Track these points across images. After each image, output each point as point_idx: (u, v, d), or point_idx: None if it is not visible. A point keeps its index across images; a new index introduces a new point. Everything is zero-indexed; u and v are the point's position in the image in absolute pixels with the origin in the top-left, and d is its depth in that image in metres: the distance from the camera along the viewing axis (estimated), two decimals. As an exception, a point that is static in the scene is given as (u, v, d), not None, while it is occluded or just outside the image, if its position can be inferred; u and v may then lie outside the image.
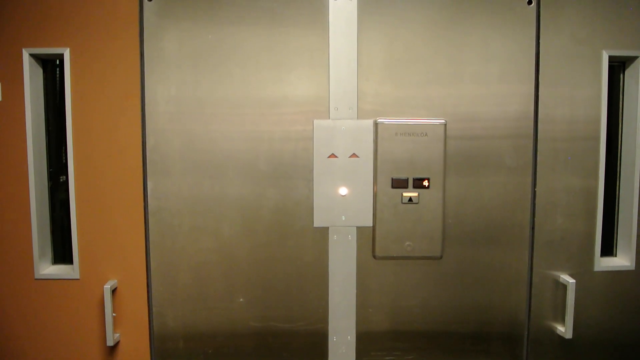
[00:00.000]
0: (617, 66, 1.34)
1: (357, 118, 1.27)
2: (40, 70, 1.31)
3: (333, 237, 1.30)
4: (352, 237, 1.30)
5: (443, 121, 1.26)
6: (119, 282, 1.30)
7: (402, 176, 1.27)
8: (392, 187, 1.27)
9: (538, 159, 1.28)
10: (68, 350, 1.32)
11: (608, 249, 1.37)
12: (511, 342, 1.33)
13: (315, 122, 1.27)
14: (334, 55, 1.25)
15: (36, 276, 1.31)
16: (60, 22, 1.25)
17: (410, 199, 1.27)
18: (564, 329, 1.30)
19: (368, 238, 1.30)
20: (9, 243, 1.30)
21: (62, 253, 1.38)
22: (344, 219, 1.29)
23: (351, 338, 1.32)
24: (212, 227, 1.28)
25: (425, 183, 1.27)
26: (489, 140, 1.27)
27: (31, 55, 1.26)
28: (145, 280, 1.30)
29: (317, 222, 1.29)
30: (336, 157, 1.28)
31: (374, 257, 1.30)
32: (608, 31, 1.26)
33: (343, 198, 1.29)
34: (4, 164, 1.28)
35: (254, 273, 1.30)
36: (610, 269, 1.32)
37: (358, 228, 1.30)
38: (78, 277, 1.30)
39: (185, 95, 1.25)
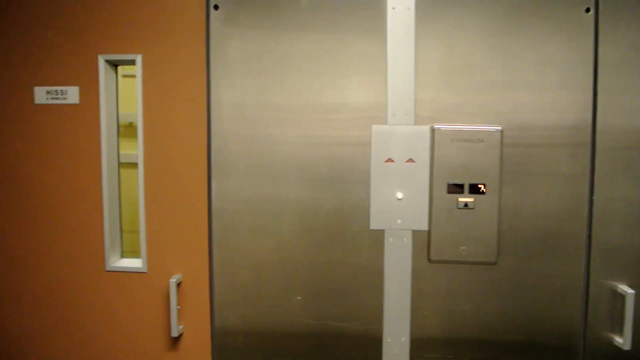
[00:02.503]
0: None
1: (414, 124, 1.42)
2: (114, 75, 1.51)
3: (389, 240, 1.44)
4: (407, 240, 1.44)
5: (499, 128, 1.39)
6: (184, 276, 1.49)
7: (458, 181, 1.40)
8: (448, 192, 1.41)
9: (595, 167, 1.39)
10: (134, 339, 1.52)
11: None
12: (567, 353, 1.44)
13: (373, 127, 1.42)
14: (392, 62, 1.40)
15: (107, 268, 1.51)
16: (133, 30, 1.45)
17: (465, 204, 1.41)
18: (623, 340, 1.40)
19: (423, 241, 1.44)
20: (83, 236, 1.51)
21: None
22: (399, 222, 1.44)
23: (405, 340, 1.46)
24: (271, 228, 1.45)
25: (481, 189, 1.40)
26: (546, 148, 1.39)
27: (106, 61, 1.47)
28: (208, 276, 1.48)
29: (374, 225, 1.44)
30: (393, 161, 1.42)
31: (429, 260, 1.44)
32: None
33: (399, 202, 1.43)
34: (79, 163, 1.49)
35: (312, 273, 1.46)
36: (671, 280, 1.42)
37: (413, 231, 1.44)
38: (146, 270, 1.50)
39: (248, 100, 1.43)
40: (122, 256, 1.58)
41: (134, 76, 1.47)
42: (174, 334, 1.46)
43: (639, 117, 1.38)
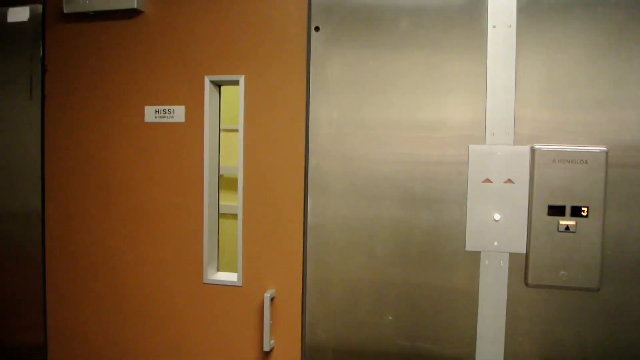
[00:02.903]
0: None
1: (514, 144, 1.41)
2: (217, 95, 1.61)
3: (485, 262, 1.43)
4: (504, 263, 1.43)
5: (605, 149, 1.36)
6: (277, 291, 1.54)
7: (559, 203, 1.38)
8: (548, 214, 1.39)
9: None
10: (227, 351, 1.58)
11: None
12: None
13: (471, 146, 1.42)
14: (492, 80, 1.41)
15: (204, 281, 1.59)
16: (237, 52, 1.54)
17: (567, 227, 1.38)
18: None
19: (520, 265, 1.42)
20: (183, 249, 1.60)
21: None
22: (496, 244, 1.43)
23: (499, 365, 1.44)
24: (365, 246, 1.48)
25: (584, 212, 1.37)
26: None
27: (211, 81, 1.56)
28: (301, 292, 1.52)
29: (469, 246, 1.44)
30: (491, 182, 1.42)
31: (526, 284, 1.42)
32: None
33: (496, 223, 1.42)
34: (183, 178, 1.59)
35: (404, 292, 1.47)
36: None
37: (511, 254, 1.42)
38: (240, 284, 1.56)
39: (346, 118, 1.47)
40: (218, 269, 1.65)
41: (235, 130, 1.56)
42: (266, 348, 1.51)
43: None
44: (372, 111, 1.47)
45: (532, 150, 1.40)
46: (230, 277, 1.61)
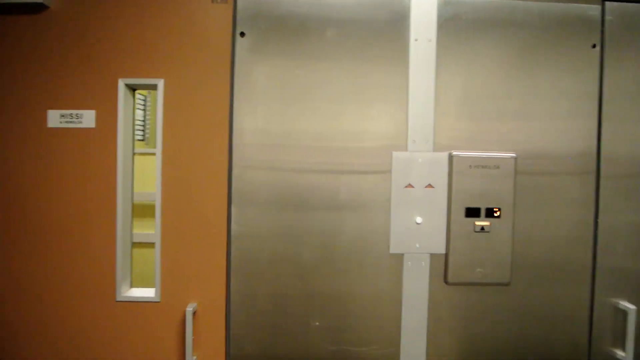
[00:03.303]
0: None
1: (433, 151, 1.47)
2: (132, 99, 1.49)
3: (407, 264, 1.49)
4: (425, 264, 1.49)
5: (514, 155, 1.47)
6: (199, 305, 1.47)
7: (475, 206, 1.47)
8: (465, 216, 1.47)
9: (600, 194, 1.49)
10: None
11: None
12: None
13: (394, 154, 1.47)
14: (413, 91, 1.46)
15: (117, 298, 1.47)
16: (155, 54, 1.44)
17: (482, 228, 1.48)
18: (625, 354, 1.49)
19: (440, 264, 1.50)
20: (94, 266, 1.47)
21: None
22: (418, 246, 1.49)
23: (422, 362, 1.51)
24: (292, 254, 1.47)
25: (497, 213, 1.47)
26: (556, 175, 1.48)
27: (125, 85, 1.45)
28: (225, 304, 1.47)
29: (393, 249, 1.48)
30: (413, 187, 1.48)
31: (446, 282, 1.50)
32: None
33: (418, 226, 1.48)
34: (93, 189, 1.45)
35: (331, 297, 1.48)
36: (667, 297, 1.54)
37: (431, 255, 1.49)
38: (159, 299, 1.47)
39: (271, 127, 1.45)
40: (132, 285, 1.54)
41: (150, 154, 1.45)
42: (190, 363, 1.44)
43: (640, 146, 1.50)
44: (298, 120, 1.45)
45: (450, 157, 1.47)
46: (146, 292, 1.50)
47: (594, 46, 1.49)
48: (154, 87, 1.46)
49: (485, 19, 1.47)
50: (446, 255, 1.49)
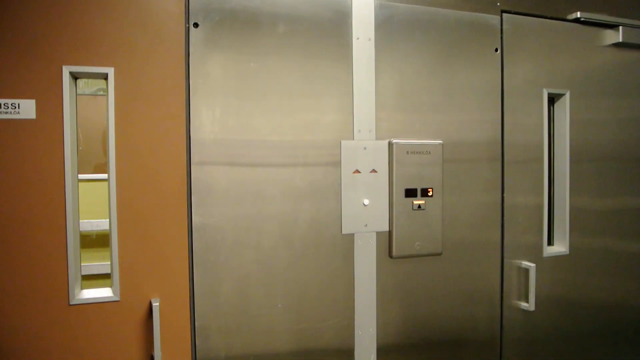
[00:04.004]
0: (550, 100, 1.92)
1: (376, 139, 1.62)
2: (75, 89, 1.39)
3: (358, 242, 1.61)
4: (372, 241, 1.63)
5: (441, 142, 1.68)
6: (162, 299, 1.43)
7: (413, 187, 1.65)
8: (405, 196, 1.64)
9: (505, 177, 1.78)
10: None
11: (550, 241, 1.93)
12: (490, 316, 1.80)
13: (342, 143, 1.58)
14: (357, 85, 1.59)
15: (71, 302, 1.37)
16: (104, 43, 1.37)
17: (419, 206, 1.66)
18: (528, 304, 1.79)
19: (385, 241, 1.65)
20: (40, 269, 1.34)
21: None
22: (366, 226, 1.62)
23: (372, 330, 1.64)
24: (253, 241, 1.50)
25: (430, 193, 1.67)
26: (472, 162, 1.73)
27: (71, 73, 1.35)
28: (188, 296, 1.45)
29: (345, 230, 1.60)
30: (359, 172, 1.61)
31: (391, 257, 1.65)
32: (547, 72, 1.83)
33: (365, 208, 1.62)
34: (38, 185, 1.33)
35: (291, 279, 1.54)
36: (553, 254, 1.87)
37: (378, 233, 1.64)
38: (118, 298, 1.40)
39: (228, 117, 1.46)
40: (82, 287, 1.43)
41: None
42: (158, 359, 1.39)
43: (534, 134, 1.81)
44: (254, 112, 1.49)
45: (390, 144, 1.63)
46: (103, 292, 1.41)
47: (496, 50, 1.76)
48: (103, 75, 1.38)
49: (413, 21, 1.65)
50: (390, 232, 1.64)
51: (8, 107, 1.30)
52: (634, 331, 2.06)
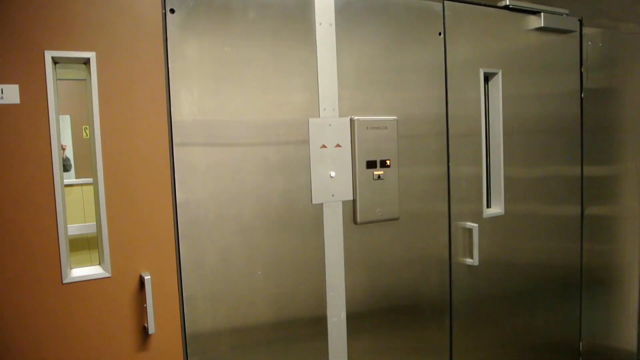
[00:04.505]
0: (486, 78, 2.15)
1: (339, 116, 1.77)
2: (55, 73, 1.43)
3: (326, 211, 1.76)
4: (339, 209, 1.79)
5: (395, 118, 1.86)
6: (151, 274, 1.50)
7: (373, 159, 1.82)
8: (366, 167, 1.81)
9: (450, 150, 1.99)
10: (103, 347, 1.46)
11: (489, 205, 2.18)
12: (440, 271, 2.02)
13: (310, 120, 1.72)
14: (321, 67, 1.73)
15: (65, 280, 1.42)
16: (86, 28, 1.40)
17: (379, 176, 1.83)
18: (472, 260, 2.03)
19: (350, 209, 1.81)
20: (29, 249, 1.38)
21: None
22: (333, 195, 1.77)
23: (342, 290, 1.81)
24: (234, 215, 1.61)
25: (388, 164, 1.85)
26: (422, 137, 1.93)
27: (53, 58, 1.39)
28: (176, 270, 1.54)
29: (315, 200, 1.74)
30: (326, 147, 1.75)
31: (355, 223, 1.82)
32: (482, 53, 2.05)
33: (332, 179, 1.77)
34: (23, 168, 1.37)
35: (269, 248, 1.67)
36: (491, 215, 2.12)
37: (343, 202, 1.79)
38: (109, 274, 1.47)
39: (206, 100, 1.55)
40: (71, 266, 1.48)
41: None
42: (152, 331, 1.47)
43: (473, 110, 2.03)
44: (230, 93, 1.57)
45: (352, 121, 1.78)
46: (94, 270, 1.47)
47: (440, 34, 1.95)
48: (84, 60, 1.42)
49: (368, 8, 1.80)
50: (354, 201, 1.81)
51: (-9, 93, 1.31)
52: (560, 285, 2.37)
